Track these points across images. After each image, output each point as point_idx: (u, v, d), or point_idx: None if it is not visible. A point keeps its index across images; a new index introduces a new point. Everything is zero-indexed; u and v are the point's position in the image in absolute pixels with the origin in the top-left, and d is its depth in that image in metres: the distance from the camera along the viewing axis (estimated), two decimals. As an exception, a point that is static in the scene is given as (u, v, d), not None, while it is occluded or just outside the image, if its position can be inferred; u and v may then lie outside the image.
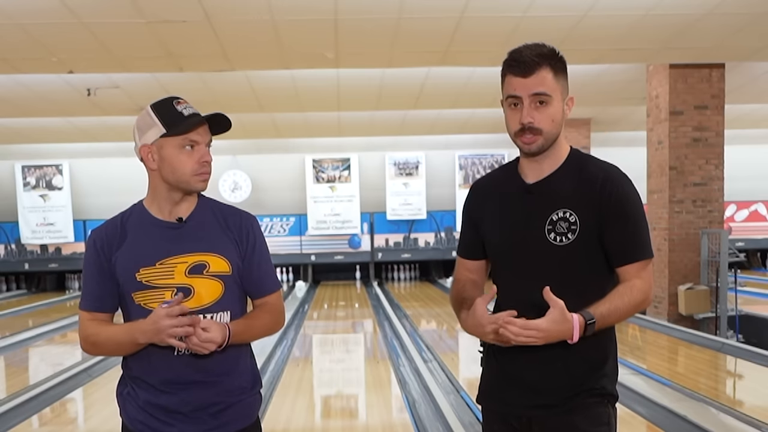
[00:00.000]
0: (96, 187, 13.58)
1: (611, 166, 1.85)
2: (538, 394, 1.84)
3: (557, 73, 1.77)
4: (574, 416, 1.82)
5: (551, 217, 1.80)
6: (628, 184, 1.83)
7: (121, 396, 1.94)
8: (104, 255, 1.87)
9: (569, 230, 1.78)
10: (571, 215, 1.78)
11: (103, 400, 5.40)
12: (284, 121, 10.91)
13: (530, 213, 1.83)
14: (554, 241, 1.79)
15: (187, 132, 1.82)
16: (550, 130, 1.78)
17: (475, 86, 8.53)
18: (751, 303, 9.04)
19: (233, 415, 1.91)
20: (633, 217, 1.80)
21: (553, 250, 1.80)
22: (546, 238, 1.80)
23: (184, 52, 6.58)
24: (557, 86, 1.77)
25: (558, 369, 1.81)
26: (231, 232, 1.92)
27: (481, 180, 2.05)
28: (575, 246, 1.78)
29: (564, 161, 1.85)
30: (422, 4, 5.52)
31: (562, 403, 1.82)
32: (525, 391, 1.86)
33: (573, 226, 1.78)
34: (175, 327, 1.73)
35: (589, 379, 1.82)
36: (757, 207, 14.22)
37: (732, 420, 4.42)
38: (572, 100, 1.83)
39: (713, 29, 6.25)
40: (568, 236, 1.78)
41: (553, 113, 1.77)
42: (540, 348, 1.76)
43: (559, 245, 1.79)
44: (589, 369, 1.83)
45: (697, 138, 7.99)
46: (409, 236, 14.03)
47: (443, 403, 4.83)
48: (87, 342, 1.90)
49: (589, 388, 1.82)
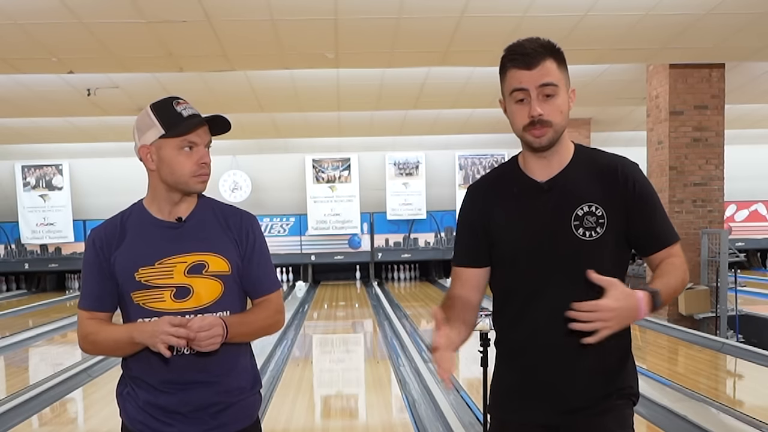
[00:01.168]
0: (96, 187, 13.59)
1: (621, 156, 1.84)
2: (566, 399, 1.76)
3: (560, 64, 1.72)
4: (604, 418, 1.75)
5: (576, 212, 1.73)
6: (641, 171, 1.83)
7: (120, 396, 1.94)
8: (103, 254, 1.87)
9: (597, 224, 1.72)
10: (597, 209, 1.72)
11: (103, 400, 5.40)
12: (284, 121, 10.90)
13: (553, 211, 1.75)
14: (583, 236, 1.71)
15: (186, 133, 1.82)
16: (559, 122, 1.72)
17: (475, 86, 8.53)
18: (751, 303, 9.04)
19: (233, 416, 1.91)
20: (657, 203, 1.79)
21: (583, 246, 1.72)
22: (575, 235, 1.72)
23: (184, 52, 6.58)
24: (562, 77, 1.72)
25: (585, 369, 1.74)
26: (231, 231, 1.91)
27: (478, 183, 1.93)
28: (605, 240, 1.72)
29: (573, 156, 1.80)
30: (422, 4, 5.52)
31: (593, 405, 1.75)
32: (551, 397, 1.77)
33: (601, 219, 1.72)
34: (170, 336, 1.72)
35: (617, 379, 1.77)
36: (757, 207, 14.22)
37: (732, 420, 4.42)
38: (574, 92, 1.78)
39: (713, 29, 6.25)
40: (597, 230, 1.72)
41: (561, 104, 1.71)
42: (563, 349, 1.70)
43: (589, 240, 1.71)
44: (616, 367, 1.78)
45: (697, 138, 7.99)
46: (409, 236, 14.03)
47: (443, 403, 4.83)
48: (86, 341, 1.90)
49: (619, 389, 1.77)
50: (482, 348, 2.51)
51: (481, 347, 2.52)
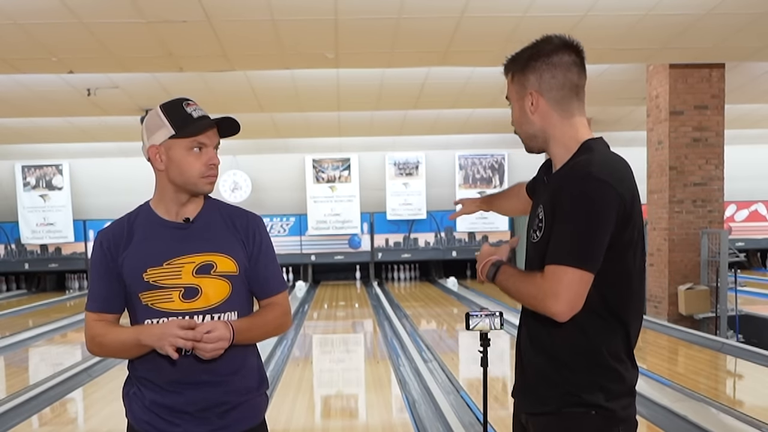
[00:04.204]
0: (96, 187, 13.59)
1: (583, 165, 1.69)
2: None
3: (514, 75, 1.82)
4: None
5: (537, 212, 1.81)
6: (584, 183, 1.65)
7: (127, 396, 1.94)
8: (111, 256, 1.87)
9: (538, 227, 1.78)
10: (541, 212, 1.77)
11: (104, 400, 5.41)
12: (284, 121, 10.90)
13: (535, 205, 1.88)
14: (531, 237, 1.81)
15: (197, 134, 1.83)
16: (518, 130, 1.86)
17: (475, 86, 8.53)
18: (751, 303, 9.04)
19: (239, 416, 1.91)
20: (565, 217, 1.67)
21: (530, 246, 1.82)
22: (529, 233, 1.83)
23: (184, 52, 6.58)
24: (513, 88, 1.84)
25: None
26: (238, 232, 1.92)
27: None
28: (541, 245, 1.74)
29: (571, 156, 1.79)
30: (422, 4, 5.52)
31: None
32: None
33: (540, 223, 1.77)
34: (179, 338, 1.73)
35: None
36: (757, 207, 14.22)
37: (732, 420, 4.43)
38: (531, 95, 1.79)
39: (713, 29, 6.25)
40: (537, 234, 1.78)
41: (515, 114, 1.86)
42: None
43: (533, 242, 1.80)
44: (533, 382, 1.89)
45: (697, 138, 7.98)
46: (409, 236, 14.03)
47: (443, 403, 4.83)
48: (93, 343, 1.90)
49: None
50: (482, 348, 2.51)
51: (481, 347, 2.52)
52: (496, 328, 2.52)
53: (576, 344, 1.72)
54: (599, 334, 1.72)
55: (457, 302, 11.04)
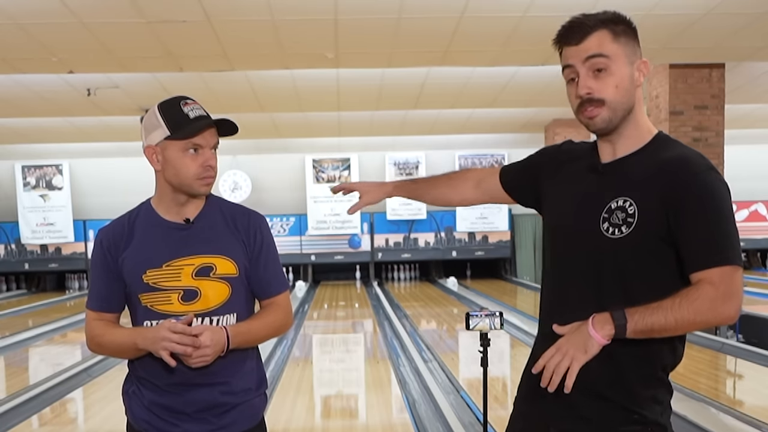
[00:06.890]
0: (96, 187, 13.59)
1: (693, 152, 1.58)
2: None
3: (618, 35, 1.53)
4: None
5: (610, 205, 1.55)
6: (709, 172, 1.53)
7: (126, 394, 1.94)
8: (111, 255, 1.87)
9: (624, 222, 1.53)
10: (631, 205, 1.53)
11: (104, 400, 5.41)
12: (284, 121, 10.90)
13: (590, 196, 1.60)
14: (606, 232, 1.54)
15: (192, 136, 1.80)
16: (615, 99, 1.53)
17: (475, 86, 8.52)
18: (751, 303, 9.03)
19: (238, 416, 1.90)
20: (712, 212, 1.50)
21: (601, 243, 1.55)
22: (600, 228, 1.55)
23: (184, 52, 6.58)
24: (618, 48, 1.52)
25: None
26: (239, 232, 1.90)
27: (569, 144, 1.83)
28: (627, 241, 1.52)
29: (646, 144, 1.59)
30: (422, 4, 5.52)
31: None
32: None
33: (629, 218, 1.52)
34: (172, 343, 1.71)
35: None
36: (757, 207, 14.21)
37: (732, 420, 4.42)
38: (645, 64, 1.57)
39: (713, 29, 6.25)
40: (621, 229, 1.53)
41: (618, 79, 1.52)
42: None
43: (610, 237, 1.54)
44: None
45: (697, 138, 7.98)
46: (409, 236, 14.03)
47: (443, 403, 4.83)
48: (92, 342, 1.91)
49: None
50: (482, 348, 2.51)
51: (481, 347, 2.52)
52: (496, 328, 2.52)
53: (637, 351, 1.54)
54: (663, 339, 1.54)
55: (457, 302, 11.04)
